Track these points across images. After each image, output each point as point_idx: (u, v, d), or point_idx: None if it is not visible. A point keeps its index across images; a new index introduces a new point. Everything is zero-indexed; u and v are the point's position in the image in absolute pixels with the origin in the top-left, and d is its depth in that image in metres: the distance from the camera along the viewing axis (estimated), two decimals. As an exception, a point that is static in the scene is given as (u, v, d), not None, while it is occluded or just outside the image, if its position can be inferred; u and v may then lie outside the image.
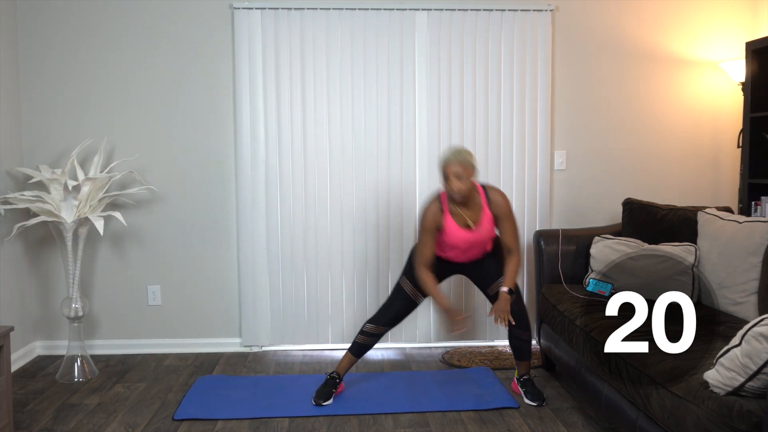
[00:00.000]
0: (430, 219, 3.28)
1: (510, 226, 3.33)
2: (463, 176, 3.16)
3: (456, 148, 3.23)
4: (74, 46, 4.14)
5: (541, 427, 3.13)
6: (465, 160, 3.17)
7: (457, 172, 3.15)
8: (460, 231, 3.29)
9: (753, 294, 3.06)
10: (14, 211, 3.96)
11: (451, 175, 3.17)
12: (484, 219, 3.29)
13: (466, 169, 3.17)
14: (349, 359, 3.49)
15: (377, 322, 3.44)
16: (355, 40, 4.17)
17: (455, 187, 3.17)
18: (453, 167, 3.16)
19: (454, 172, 3.16)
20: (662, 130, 4.43)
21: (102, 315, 4.28)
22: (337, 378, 3.46)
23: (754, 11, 4.39)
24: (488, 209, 3.30)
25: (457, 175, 3.16)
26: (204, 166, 4.24)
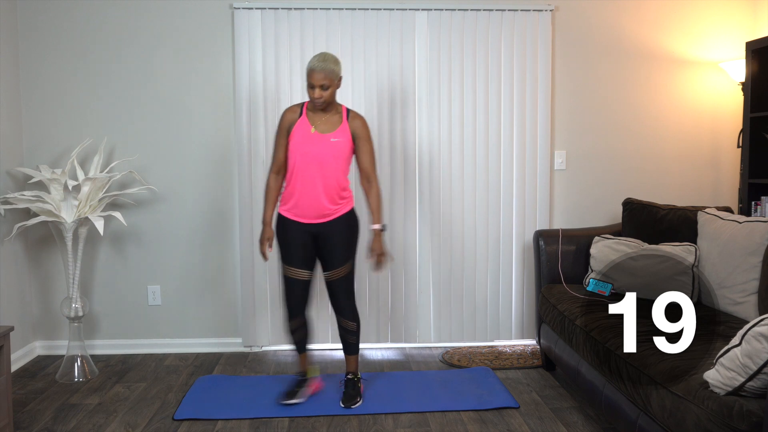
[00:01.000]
0: (286, 119, 3.29)
1: (368, 149, 3.31)
2: (326, 86, 3.15)
3: (323, 54, 3.18)
4: (74, 46, 4.14)
5: (541, 427, 3.13)
6: (331, 69, 3.14)
7: (322, 82, 3.13)
8: (309, 134, 3.24)
9: (753, 294, 3.06)
10: (14, 211, 3.96)
11: (315, 83, 3.14)
12: (338, 131, 3.25)
13: (331, 79, 3.15)
14: (302, 357, 3.53)
15: (291, 317, 3.42)
16: (355, 40, 4.17)
17: (317, 94, 3.16)
18: (318, 75, 3.13)
19: (319, 81, 3.13)
20: (662, 130, 4.43)
21: (102, 315, 4.28)
22: (302, 377, 3.49)
23: (754, 11, 4.39)
24: (347, 124, 3.28)
25: (322, 84, 3.14)
26: (204, 165, 4.24)
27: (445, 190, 4.27)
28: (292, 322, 3.44)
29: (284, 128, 3.29)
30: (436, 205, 4.28)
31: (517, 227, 4.33)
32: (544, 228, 4.31)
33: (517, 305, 4.37)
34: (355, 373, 3.48)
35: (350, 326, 3.43)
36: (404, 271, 4.31)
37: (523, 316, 4.38)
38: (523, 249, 4.35)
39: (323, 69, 3.13)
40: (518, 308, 4.37)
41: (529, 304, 4.37)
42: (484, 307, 4.36)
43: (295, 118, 3.28)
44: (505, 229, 4.32)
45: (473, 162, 4.28)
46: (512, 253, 4.34)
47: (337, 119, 3.28)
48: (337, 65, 3.18)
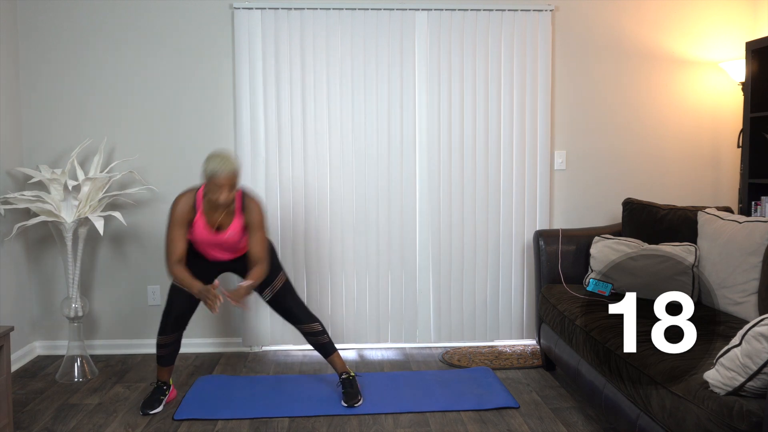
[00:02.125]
0: (182, 212, 3.19)
1: (259, 237, 3.24)
2: (234, 187, 3.11)
3: (224, 155, 3.10)
4: (74, 46, 4.14)
5: (541, 427, 3.13)
6: (236, 170, 3.10)
7: (231, 183, 3.08)
8: (208, 232, 3.23)
9: (753, 294, 3.06)
10: (14, 211, 3.96)
11: (224, 185, 3.06)
12: (232, 225, 3.24)
13: (237, 177, 3.11)
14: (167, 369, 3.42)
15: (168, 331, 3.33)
16: (355, 40, 4.17)
17: (223, 198, 3.08)
18: (226, 178, 3.06)
19: (227, 183, 3.07)
20: (662, 130, 4.43)
21: (102, 315, 4.28)
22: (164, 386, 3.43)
23: (754, 11, 4.39)
24: (240, 216, 3.25)
25: (230, 186, 3.08)
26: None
27: (444, 190, 4.27)
28: (168, 337, 3.34)
29: (182, 221, 3.19)
30: (435, 205, 4.28)
31: (517, 227, 4.33)
32: (544, 228, 4.32)
33: (517, 305, 4.37)
34: (348, 371, 3.48)
35: (315, 328, 3.43)
36: (404, 271, 4.31)
37: (523, 316, 4.38)
38: (523, 249, 4.35)
39: (231, 170, 3.07)
40: (518, 308, 4.37)
41: (529, 304, 4.37)
42: (484, 307, 4.36)
43: (191, 213, 3.21)
44: (505, 229, 4.32)
45: (473, 162, 4.28)
46: (512, 253, 4.34)
47: (231, 212, 3.24)
48: (237, 162, 3.12)
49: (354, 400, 3.34)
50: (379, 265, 4.29)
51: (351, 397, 3.36)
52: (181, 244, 3.20)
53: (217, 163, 3.07)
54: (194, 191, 3.24)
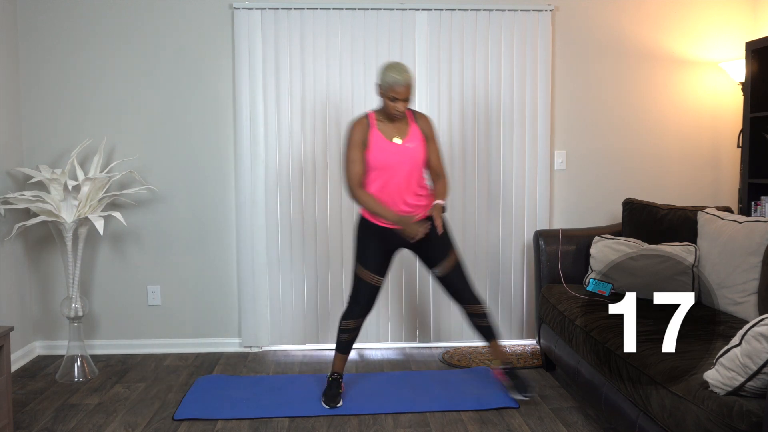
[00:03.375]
0: (358, 131, 3.24)
1: (435, 148, 3.34)
2: (410, 97, 3.19)
3: (400, 66, 3.16)
4: (74, 46, 4.14)
5: (541, 427, 3.13)
6: (411, 80, 3.16)
7: (407, 95, 3.15)
8: (388, 144, 3.25)
9: (753, 294, 3.06)
10: (14, 211, 3.96)
11: (400, 96, 3.15)
12: (411, 132, 3.27)
13: (411, 89, 3.18)
14: (341, 358, 3.48)
15: (350, 316, 3.40)
16: (355, 40, 4.17)
17: (402, 107, 3.17)
18: (402, 89, 3.14)
19: (403, 94, 3.15)
20: (662, 130, 4.43)
21: (102, 315, 4.28)
22: (339, 378, 3.45)
23: (754, 11, 4.39)
24: (416, 126, 3.30)
25: (407, 96, 3.16)
26: (204, 166, 4.24)
27: (445, 190, 4.28)
28: (350, 322, 3.40)
29: (358, 142, 3.24)
30: (436, 205, 4.28)
31: (517, 227, 4.33)
32: (544, 228, 4.32)
33: (517, 305, 4.37)
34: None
35: (479, 309, 3.41)
36: (404, 271, 4.31)
37: (523, 316, 4.38)
38: (523, 249, 4.35)
39: (407, 82, 3.14)
40: (518, 308, 4.37)
41: (529, 304, 4.37)
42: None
43: (366, 131, 3.25)
44: (505, 229, 4.32)
45: (473, 162, 4.28)
46: (512, 253, 4.34)
47: (405, 123, 3.29)
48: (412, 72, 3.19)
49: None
50: (379, 265, 4.29)
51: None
52: (360, 165, 3.25)
53: (395, 74, 3.13)
54: (365, 115, 3.31)
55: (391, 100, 3.17)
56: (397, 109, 3.17)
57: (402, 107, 3.18)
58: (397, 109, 3.18)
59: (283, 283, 4.27)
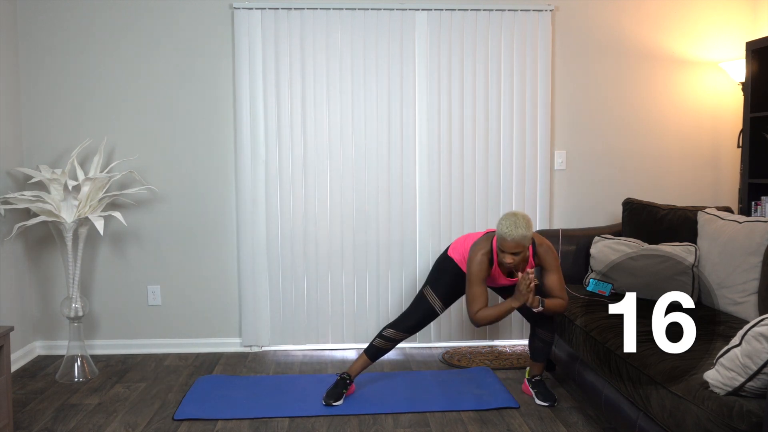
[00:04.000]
0: (480, 271, 3.16)
1: (556, 277, 3.20)
2: (519, 252, 3.05)
3: (517, 218, 3.01)
4: (74, 46, 4.14)
5: (541, 427, 3.13)
6: (522, 237, 3.00)
7: (514, 250, 3.03)
8: (503, 279, 3.27)
9: (753, 294, 3.06)
10: (14, 211, 3.96)
11: (508, 250, 3.04)
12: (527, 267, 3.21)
13: (524, 245, 3.03)
14: (364, 361, 3.46)
15: (398, 327, 3.39)
16: (355, 40, 4.17)
17: (508, 262, 3.07)
18: (510, 244, 3.01)
19: (511, 249, 3.03)
20: (662, 130, 4.43)
21: (102, 315, 4.28)
22: (348, 379, 3.44)
23: (754, 11, 4.39)
24: (533, 260, 3.24)
25: (514, 253, 3.04)
26: (204, 166, 4.24)
27: (444, 190, 4.28)
28: (396, 333, 3.38)
29: (481, 278, 3.16)
30: (435, 204, 4.28)
31: (517, 227, 4.33)
32: (544, 228, 4.31)
33: (517, 305, 4.37)
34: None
35: (549, 338, 3.40)
36: (404, 271, 4.31)
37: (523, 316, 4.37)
38: (523, 249, 4.34)
39: (514, 238, 2.99)
40: (518, 308, 4.37)
41: (529, 304, 4.37)
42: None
43: (488, 268, 3.18)
44: (505, 229, 4.32)
45: (473, 162, 4.28)
46: (512, 253, 4.34)
47: (524, 258, 3.13)
48: (529, 229, 3.01)
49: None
50: (379, 264, 4.29)
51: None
52: (484, 298, 3.16)
53: (507, 227, 3.01)
54: (490, 245, 3.18)
55: (501, 250, 3.07)
56: (505, 261, 3.06)
57: (510, 260, 3.05)
58: (505, 262, 3.07)
59: (283, 283, 4.27)
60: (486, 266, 3.17)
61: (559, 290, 3.20)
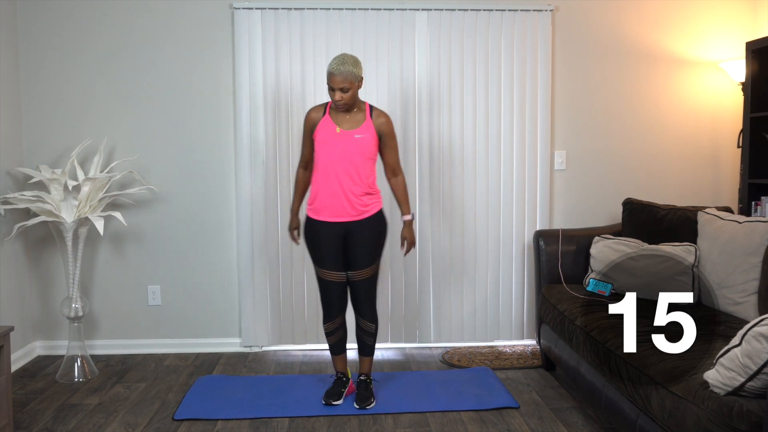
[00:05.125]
0: (310, 118, 3.31)
1: (393, 145, 3.34)
2: (347, 89, 3.14)
3: (342, 57, 3.14)
4: (74, 46, 4.14)
5: (541, 427, 3.13)
6: (349, 71, 3.12)
7: (342, 85, 3.12)
8: (334, 133, 3.24)
9: (753, 294, 3.06)
10: (14, 211, 3.96)
11: (335, 86, 3.13)
12: (362, 128, 3.25)
13: (351, 81, 3.13)
14: (338, 359, 3.51)
15: (327, 319, 3.42)
16: (355, 40, 4.17)
17: (337, 97, 3.16)
18: (337, 79, 3.11)
19: (338, 84, 3.12)
20: (662, 130, 4.43)
21: (102, 315, 4.28)
22: (343, 377, 3.47)
23: (754, 11, 4.39)
24: (370, 122, 3.28)
25: (342, 87, 3.13)
26: (204, 166, 4.24)
27: (445, 190, 4.28)
28: (329, 324, 3.43)
29: (308, 128, 3.32)
30: (436, 204, 4.28)
31: (517, 227, 4.33)
32: (544, 228, 4.31)
33: (517, 305, 4.37)
34: (368, 374, 3.48)
35: (369, 327, 3.43)
36: (404, 272, 4.31)
37: (523, 316, 4.38)
38: (523, 249, 4.35)
39: (341, 72, 3.11)
40: (518, 308, 4.37)
41: (529, 304, 4.37)
42: (484, 307, 4.36)
43: (318, 117, 3.29)
44: (505, 229, 4.32)
45: (473, 162, 4.28)
46: (512, 253, 4.34)
47: (361, 117, 3.28)
48: (357, 66, 3.15)
49: (366, 402, 3.35)
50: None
51: (363, 399, 3.36)
52: (307, 150, 3.38)
53: (334, 63, 3.13)
54: (325, 102, 3.36)
55: (330, 89, 3.16)
56: (334, 98, 3.17)
57: (338, 97, 3.14)
58: (334, 99, 3.17)
59: (283, 283, 4.27)
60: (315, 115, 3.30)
61: (397, 161, 3.39)
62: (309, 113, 3.33)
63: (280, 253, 4.25)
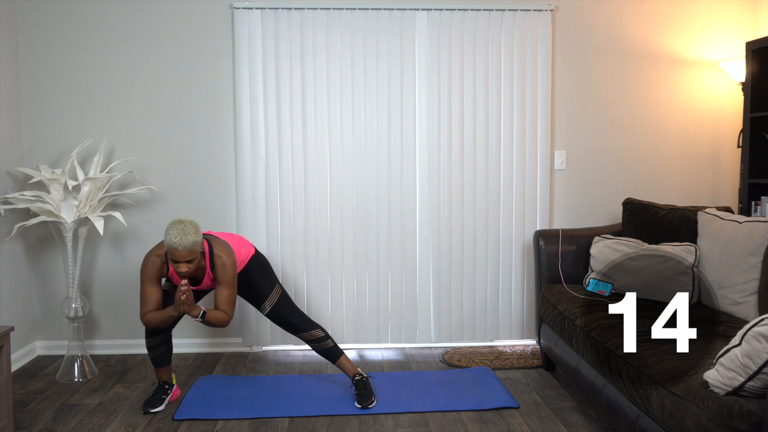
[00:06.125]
0: (153, 271, 3.18)
1: (225, 294, 3.19)
2: (193, 259, 3.04)
3: (181, 227, 2.99)
4: (74, 46, 4.14)
5: (541, 427, 3.13)
6: (192, 242, 2.99)
7: (188, 258, 3.01)
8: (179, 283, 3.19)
9: (753, 294, 3.06)
10: (14, 211, 3.96)
11: (181, 260, 3.01)
12: (205, 279, 3.26)
13: (195, 251, 3.02)
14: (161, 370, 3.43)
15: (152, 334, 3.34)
16: (355, 40, 4.17)
17: (183, 271, 3.04)
18: (181, 253, 2.99)
19: (184, 258, 3.00)
20: (662, 130, 4.43)
21: (102, 315, 4.28)
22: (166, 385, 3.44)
23: (754, 11, 4.39)
24: (210, 272, 3.24)
25: (187, 261, 3.02)
26: (204, 166, 4.24)
27: (444, 190, 4.28)
28: (155, 338, 3.34)
29: (154, 279, 3.19)
30: (435, 204, 4.28)
31: (517, 227, 4.33)
32: (544, 228, 4.32)
33: (517, 305, 4.37)
34: (360, 372, 3.48)
35: (316, 334, 3.43)
36: (404, 271, 4.31)
37: (523, 316, 4.38)
38: (523, 249, 4.35)
39: (185, 245, 2.98)
40: (518, 308, 4.37)
41: (529, 304, 4.37)
42: (484, 307, 4.36)
43: (163, 267, 3.20)
44: (505, 229, 4.32)
45: (473, 162, 4.28)
46: (512, 253, 4.34)
47: (202, 269, 3.23)
48: (198, 234, 3.02)
49: (368, 401, 3.34)
50: (379, 265, 4.29)
51: (364, 398, 3.36)
52: (155, 298, 3.20)
53: (173, 237, 2.98)
54: (162, 252, 3.21)
55: (173, 261, 3.03)
56: (181, 271, 3.03)
57: (185, 269, 3.03)
58: (181, 272, 3.04)
59: (283, 283, 4.27)
60: (158, 267, 3.18)
61: (225, 305, 3.19)
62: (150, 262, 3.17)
63: (280, 252, 4.25)
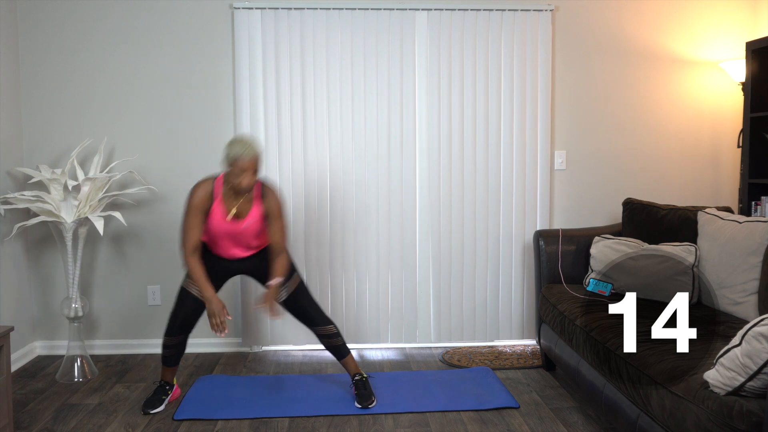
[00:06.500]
0: (199, 200, 3.18)
1: (279, 225, 3.26)
2: (256, 171, 3.13)
3: (246, 139, 3.11)
4: (74, 46, 4.14)
5: (541, 427, 3.13)
6: (259, 154, 3.11)
7: (254, 168, 3.10)
8: (223, 221, 3.21)
9: (753, 294, 3.06)
10: (14, 211, 3.96)
11: (248, 169, 3.08)
12: (251, 213, 3.24)
13: (259, 164, 3.13)
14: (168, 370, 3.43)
15: (174, 333, 3.33)
16: (355, 40, 4.17)
17: (246, 183, 3.10)
18: (249, 162, 3.07)
19: (251, 167, 3.08)
20: (662, 130, 4.43)
21: (102, 315, 4.28)
22: (167, 385, 3.44)
23: (754, 11, 4.39)
24: (260, 204, 3.25)
25: (253, 170, 3.10)
26: (204, 166, 4.24)
27: (444, 190, 4.28)
28: (173, 338, 3.35)
29: (199, 209, 3.18)
30: (435, 204, 4.28)
31: (517, 227, 4.33)
32: (544, 228, 4.32)
33: (517, 305, 4.37)
34: (360, 372, 3.48)
35: (330, 330, 3.42)
36: (404, 271, 4.31)
37: (523, 316, 4.38)
38: (523, 249, 4.35)
39: (254, 154, 3.09)
40: (518, 308, 4.37)
41: (529, 304, 4.37)
42: (484, 307, 4.36)
43: (209, 200, 3.20)
44: (505, 229, 4.32)
45: (473, 162, 4.28)
46: (512, 253, 4.34)
47: (250, 200, 3.25)
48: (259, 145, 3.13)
49: (367, 401, 3.34)
50: (379, 265, 4.29)
51: (364, 398, 3.36)
52: (197, 232, 3.20)
53: (240, 147, 3.08)
54: (213, 179, 3.24)
55: (241, 170, 3.09)
56: (242, 183, 3.10)
57: (247, 182, 3.10)
58: (242, 184, 3.10)
59: (283, 283, 4.27)
60: (206, 196, 3.19)
61: (281, 237, 3.27)
62: (197, 192, 3.19)
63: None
